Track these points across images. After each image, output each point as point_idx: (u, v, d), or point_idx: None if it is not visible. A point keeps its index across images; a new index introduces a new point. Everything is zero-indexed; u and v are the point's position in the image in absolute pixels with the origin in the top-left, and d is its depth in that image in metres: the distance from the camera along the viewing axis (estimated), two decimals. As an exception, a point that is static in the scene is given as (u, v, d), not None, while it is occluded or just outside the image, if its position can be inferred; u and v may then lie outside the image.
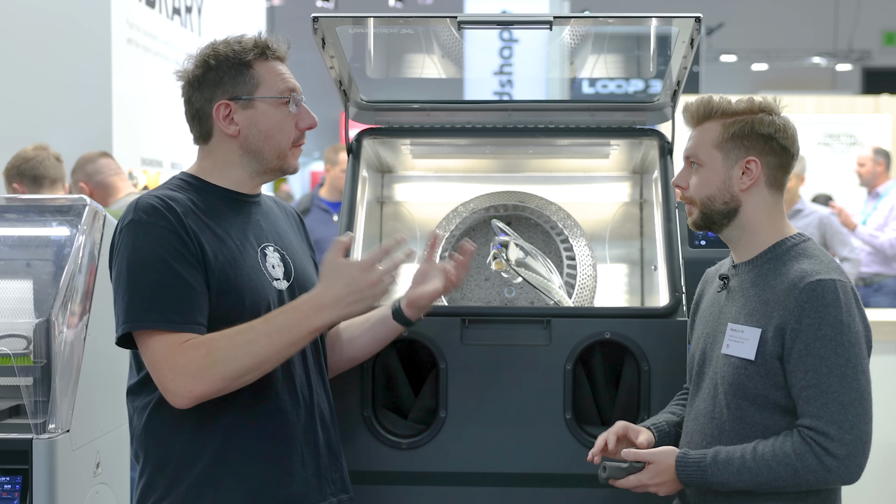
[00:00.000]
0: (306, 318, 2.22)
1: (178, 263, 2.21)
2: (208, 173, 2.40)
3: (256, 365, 2.20)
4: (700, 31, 2.89)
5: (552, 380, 2.80)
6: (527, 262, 3.09)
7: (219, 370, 2.17)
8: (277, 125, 2.37)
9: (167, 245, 2.22)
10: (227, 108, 2.35)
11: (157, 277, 2.20)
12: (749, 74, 19.62)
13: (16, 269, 2.80)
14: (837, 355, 2.20)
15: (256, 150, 2.37)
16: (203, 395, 2.19)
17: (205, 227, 2.29)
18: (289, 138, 2.38)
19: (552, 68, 4.92)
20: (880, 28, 18.97)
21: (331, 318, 2.25)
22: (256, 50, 2.36)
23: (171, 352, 2.17)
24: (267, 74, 2.36)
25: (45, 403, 2.58)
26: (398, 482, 2.83)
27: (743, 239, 2.40)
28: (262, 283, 2.33)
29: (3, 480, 2.54)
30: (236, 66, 2.34)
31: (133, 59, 6.72)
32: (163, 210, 2.24)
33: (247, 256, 2.33)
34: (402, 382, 2.90)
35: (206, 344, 2.18)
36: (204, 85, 2.36)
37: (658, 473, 2.34)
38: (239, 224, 2.37)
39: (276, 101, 2.36)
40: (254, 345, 2.19)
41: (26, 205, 2.97)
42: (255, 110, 2.35)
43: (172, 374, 2.17)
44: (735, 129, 2.35)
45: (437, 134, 3.33)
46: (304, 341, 2.25)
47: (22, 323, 2.65)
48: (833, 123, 11.31)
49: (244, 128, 2.35)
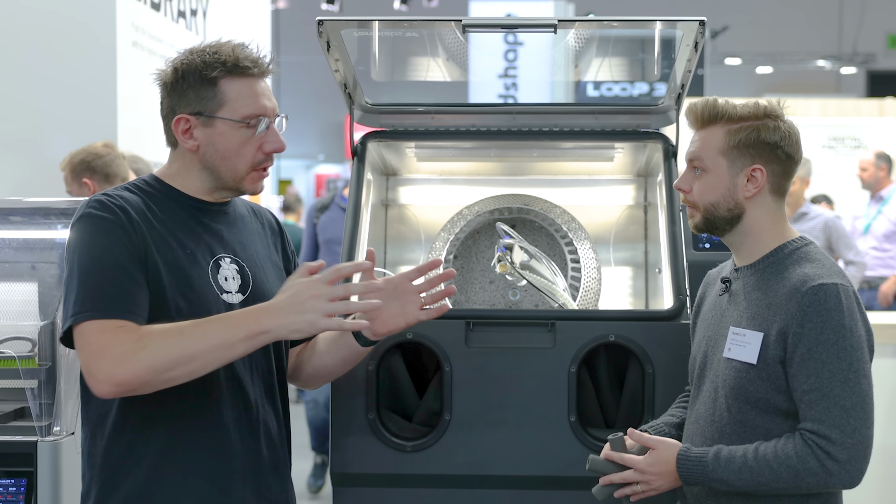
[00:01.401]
0: (243, 321, 2.13)
1: (123, 256, 2.16)
2: (172, 178, 2.35)
3: (185, 359, 2.10)
4: (704, 35, 2.89)
5: (556, 383, 2.80)
6: (531, 265, 3.09)
7: (145, 357, 2.08)
8: (235, 148, 2.28)
9: (114, 239, 2.17)
10: (187, 122, 2.27)
11: (103, 270, 2.15)
12: (753, 77, 19.62)
13: (21, 271, 2.80)
14: (839, 359, 2.20)
15: (213, 168, 2.30)
16: (125, 383, 2.09)
17: (153, 231, 2.23)
18: (247, 162, 2.30)
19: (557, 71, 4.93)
20: (885, 31, 18.95)
21: (268, 324, 2.12)
22: (224, 66, 2.25)
23: (101, 335, 2.10)
24: (233, 94, 2.26)
25: (50, 406, 2.58)
26: (402, 485, 2.83)
27: (745, 243, 2.40)
28: (207, 294, 2.25)
29: (7, 483, 2.54)
30: (201, 80, 2.26)
31: (138, 61, 6.72)
32: (112, 206, 2.20)
33: (194, 266, 2.26)
34: (407, 385, 2.90)
35: (139, 330, 2.11)
36: (172, 92, 2.30)
37: (657, 462, 2.32)
38: (194, 232, 2.30)
39: (236, 124, 2.27)
40: (185, 339, 2.10)
41: (31, 207, 2.97)
42: (213, 129, 2.27)
43: (97, 357, 2.09)
44: (741, 136, 2.34)
45: (442, 137, 3.33)
46: (240, 346, 2.13)
47: (27, 325, 2.66)
48: (837, 126, 11.30)
49: (203, 144, 2.28)
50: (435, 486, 2.82)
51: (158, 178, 2.35)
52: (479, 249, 3.41)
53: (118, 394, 2.14)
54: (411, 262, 3.50)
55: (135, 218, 2.21)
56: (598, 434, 2.83)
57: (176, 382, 2.14)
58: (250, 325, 2.13)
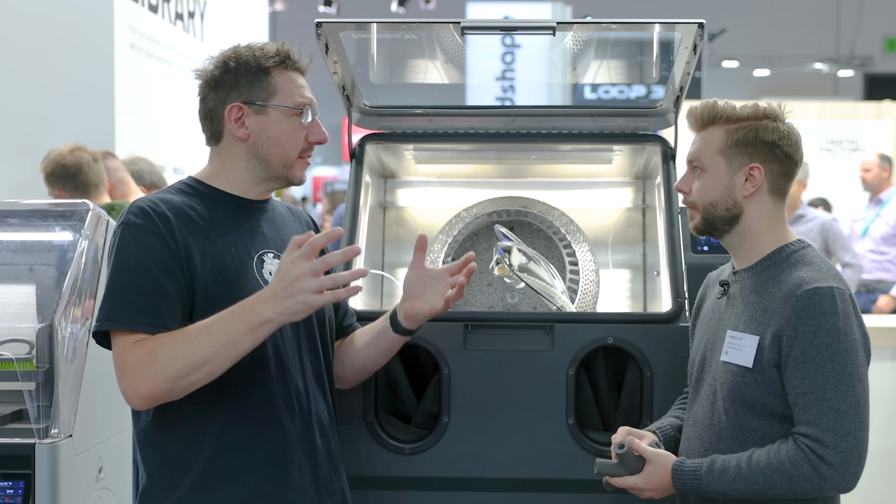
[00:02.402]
0: (244, 314, 2.16)
1: (156, 267, 2.22)
2: (215, 177, 2.41)
3: (198, 364, 2.15)
4: (703, 37, 2.89)
5: (555, 385, 2.80)
6: (529, 268, 3.09)
7: (160, 368, 2.15)
8: (287, 135, 2.37)
9: (147, 248, 2.23)
10: (240, 110, 2.36)
11: (133, 280, 2.21)
12: (751, 80, 19.64)
13: (19, 273, 2.80)
14: (833, 363, 2.20)
15: (263, 157, 2.37)
16: (150, 395, 2.17)
17: (198, 231, 2.29)
18: (296, 149, 2.39)
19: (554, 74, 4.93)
20: (882, 34, 18.98)
21: (267, 313, 2.15)
22: (277, 58, 2.37)
23: (122, 351, 2.19)
24: (284, 84, 2.37)
25: (48, 408, 2.58)
26: (401, 487, 2.83)
27: (743, 245, 2.40)
28: (254, 289, 2.28)
29: (5, 485, 2.54)
30: (255, 70, 2.36)
31: (136, 64, 6.73)
32: (152, 214, 2.26)
33: (240, 263, 2.32)
34: (405, 387, 2.90)
35: (151, 342, 2.17)
36: (220, 85, 2.37)
37: (653, 476, 2.33)
38: (238, 230, 2.36)
39: (289, 111, 2.36)
40: (193, 342, 2.16)
41: (29, 209, 2.97)
42: (266, 117, 2.36)
43: (122, 373, 2.19)
44: (739, 135, 2.35)
45: (440, 139, 3.33)
46: (246, 340, 2.16)
47: (25, 328, 2.66)
48: (835, 129, 11.30)
49: (254, 132, 2.36)
50: (433, 488, 2.82)
51: (198, 180, 2.42)
52: (477, 252, 3.41)
53: (148, 405, 2.22)
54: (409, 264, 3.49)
55: (174, 224, 2.26)
56: (597, 437, 2.83)
57: (197, 386, 2.19)
58: (251, 318, 2.16)
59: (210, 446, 2.28)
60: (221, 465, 2.28)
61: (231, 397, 2.27)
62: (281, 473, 2.32)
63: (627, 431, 2.44)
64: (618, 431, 2.45)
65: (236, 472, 2.28)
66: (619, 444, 2.36)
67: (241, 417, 2.29)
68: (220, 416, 2.28)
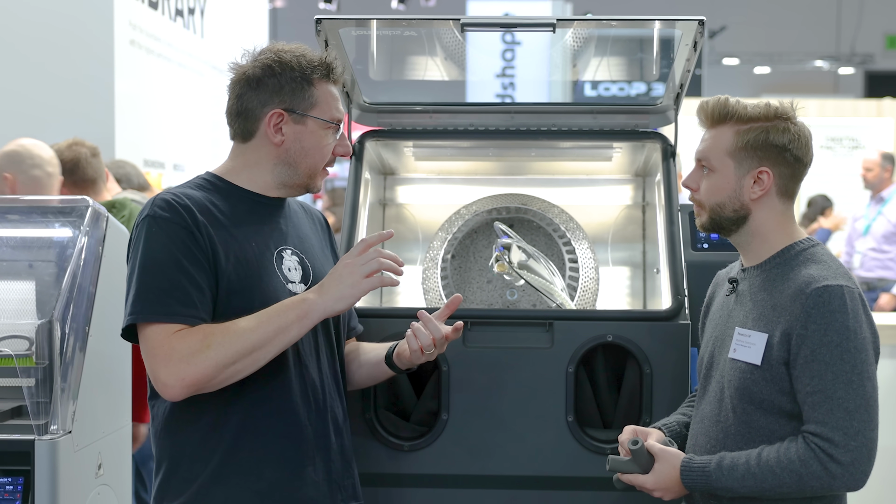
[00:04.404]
0: (293, 305, 2.25)
1: (186, 259, 2.24)
2: (235, 174, 2.42)
3: (248, 350, 2.21)
4: (703, 35, 2.88)
5: (554, 382, 2.80)
6: (529, 265, 3.09)
7: (212, 355, 2.18)
8: (318, 146, 2.40)
9: (178, 241, 2.25)
10: (280, 117, 2.37)
11: (165, 272, 2.23)
12: (751, 78, 19.63)
13: (18, 270, 2.80)
14: (843, 361, 2.19)
15: (293, 164, 2.40)
16: (194, 383, 2.20)
17: (220, 226, 2.31)
18: (325, 160, 2.43)
19: (555, 71, 4.92)
20: (883, 31, 18.96)
21: (315, 301, 2.25)
22: (322, 70, 2.39)
23: (167, 339, 2.20)
24: (324, 97, 2.39)
25: (47, 405, 2.58)
26: (400, 484, 2.83)
27: (752, 244, 2.39)
28: (275, 285, 2.33)
29: (4, 481, 2.54)
30: (299, 80, 2.37)
31: (136, 60, 6.72)
32: (177, 206, 2.28)
33: (261, 258, 2.34)
34: (404, 384, 2.90)
35: (203, 329, 2.21)
36: (262, 87, 2.37)
37: (662, 473, 2.33)
38: (257, 226, 2.38)
39: (325, 123, 2.39)
40: (246, 331, 2.21)
41: (28, 206, 2.97)
42: (304, 127, 2.38)
43: (167, 360, 2.20)
44: (749, 137, 2.32)
45: (440, 136, 3.33)
46: (294, 329, 2.24)
47: (24, 324, 2.66)
48: (835, 127, 11.31)
49: (289, 140, 2.38)
50: (432, 485, 2.82)
51: (217, 175, 2.43)
52: (476, 249, 3.41)
53: (186, 394, 2.23)
54: (409, 261, 3.50)
55: (199, 217, 2.28)
56: (596, 434, 2.82)
57: (240, 376, 2.24)
58: (300, 306, 2.25)
59: (229, 439, 2.30)
60: (239, 458, 2.30)
61: (250, 392, 2.29)
62: (297, 467, 2.34)
63: (633, 430, 2.44)
64: (624, 430, 2.45)
65: (254, 465, 2.31)
66: (632, 441, 2.36)
67: (260, 411, 2.32)
68: (239, 409, 2.30)
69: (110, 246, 2.80)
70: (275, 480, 2.32)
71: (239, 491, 2.30)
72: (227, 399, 2.28)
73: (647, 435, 2.43)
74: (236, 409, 2.30)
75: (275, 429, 2.32)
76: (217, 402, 2.28)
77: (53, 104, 6.12)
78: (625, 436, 2.42)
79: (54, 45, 6.17)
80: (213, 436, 2.30)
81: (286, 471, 2.33)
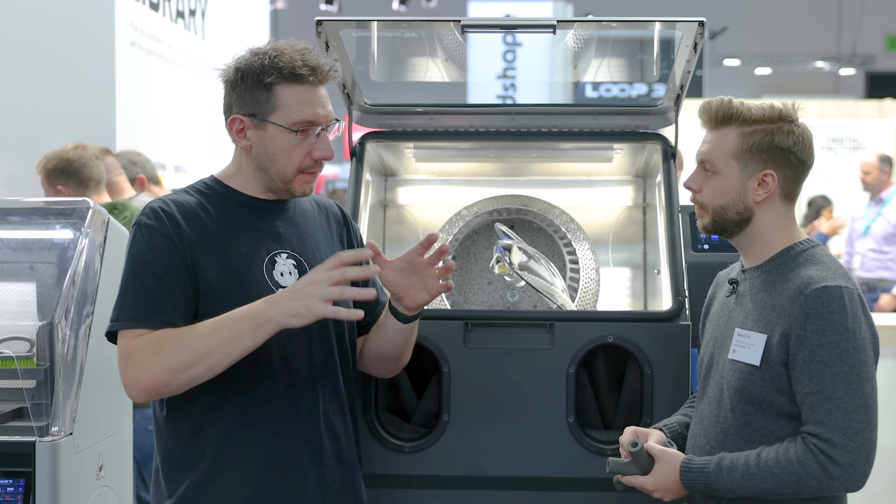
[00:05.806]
0: (248, 313, 2.18)
1: (161, 266, 2.25)
2: (232, 177, 2.42)
3: (198, 358, 2.17)
4: (704, 36, 2.89)
5: (555, 383, 2.80)
6: (530, 266, 3.09)
7: (163, 360, 2.18)
8: (283, 152, 2.32)
9: (155, 248, 2.26)
10: (241, 122, 2.34)
11: (139, 278, 2.25)
12: (752, 79, 19.63)
13: (19, 271, 2.80)
14: (842, 362, 2.19)
15: (264, 169, 2.36)
16: (149, 387, 2.20)
17: (206, 232, 2.30)
18: (294, 166, 2.33)
19: (555, 72, 4.92)
20: (884, 32, 18.97)
21: (269, 313, 2.16)
22: (281, 73, 2.28)
23: (128, 343, 2.22)
24: (287, 100, 2.30)
25: (48, 406, 2.58)
26: (401, 486, 2.83)
27: (753, 245, 2.38)
28: (261, 290, 2.29)
29: (5, 483, 2.54)
30: (257, 84, 2.30)
31: (137, 62, 6.72)
32: (161, 214, 2.28)
33: (248, 264, 2.32)
34: (405, 386, 2.90)
35: (157, 335, 2.21)
36: (232, 91, 2.35)
37: (662, 475, 2.33)
38: (251, 231, 2.36)
39: (287, 129, 2.31)
40: (197, 338, 2.18)
41: (29, 207, 2.97)
42: (265, 132, 2.32)
43: (125, 364, 2.22)
44: (754, 140, 2.31)
45: (441, 137, 3.33)
46: (247, 338, 2.17)
47: (25, 326, 2.66)
48: (836, 128, 11.31)
49: (255, 146, 2.34)
50: (433, 487, 2.82)
51: (217, 180, 2.42)
52: (477, 250, 3.41)
53: (148, 398, 2.25)
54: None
55: (183, 225, 2.28)
56: (597, 435, 2.82)
57: (198, 381, 2.21)
58: (254, 317, 2.18)
59: (214, 444, 2.30)
60: (224, 463, 2.30)
61: (232, 397, 2.29)
62: (283, 473, 2.32)
63: (634, 431, 2.44)
64: (625, 431, 2.45)
65: (238, 471, 2.30)
66: (632, 443, 2.36)
67: (244, 416, 2.30)
68: (221, 416, 2.30)
69: (111, 248, 2.80)
70: (259, 486, 2.30)
71: (225, 496, 2.29)
72: (211, 405, 2.29)
73: (648, 436, 2.43)
74: (219, 416, 2.29)
75: (258, 434, 2.31)
76: (202, 405, 2.29)
77: (55, 106, 6.12)
78: (625, 437, 2.42)
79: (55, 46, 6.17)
80: (199, 439, 2.30)
81: (272, 477, 2.31)
